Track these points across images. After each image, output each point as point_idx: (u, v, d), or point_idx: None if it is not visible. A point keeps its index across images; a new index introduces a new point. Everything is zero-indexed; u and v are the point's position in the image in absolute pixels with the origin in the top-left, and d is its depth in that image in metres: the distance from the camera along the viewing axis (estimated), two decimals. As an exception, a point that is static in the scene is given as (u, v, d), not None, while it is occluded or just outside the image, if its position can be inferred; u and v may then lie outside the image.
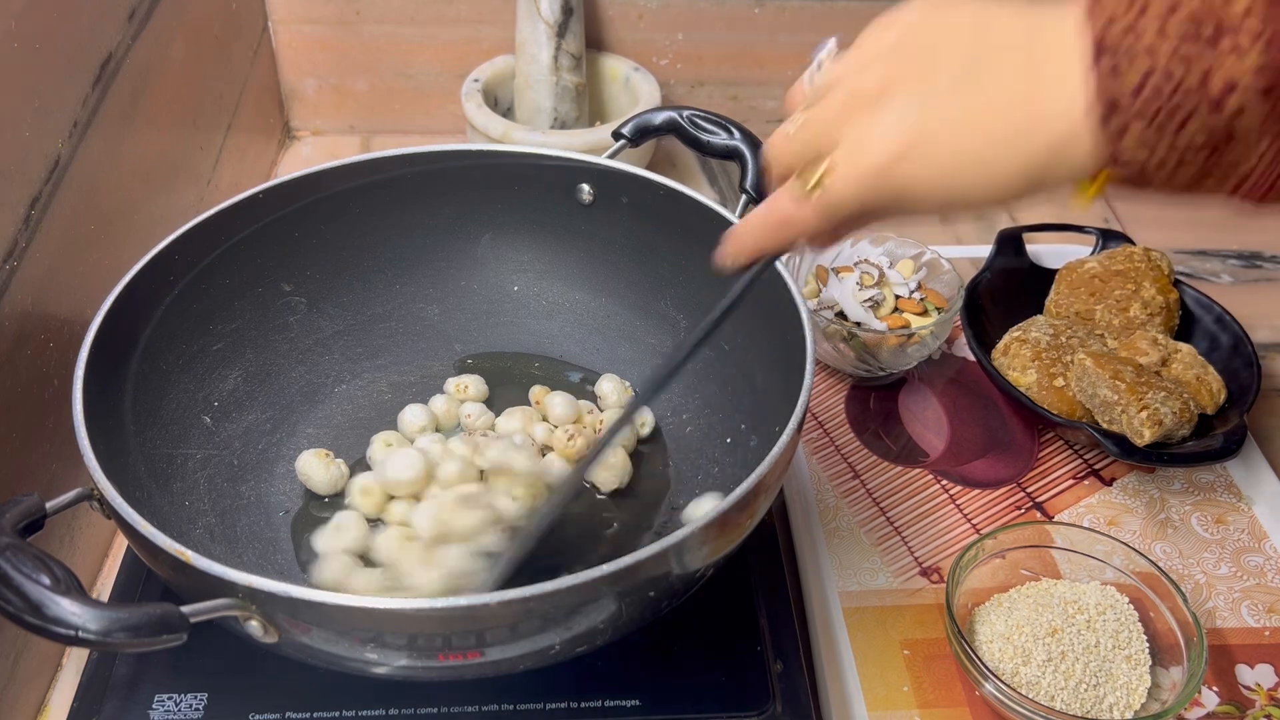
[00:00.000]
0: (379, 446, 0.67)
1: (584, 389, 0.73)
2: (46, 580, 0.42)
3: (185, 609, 0.44)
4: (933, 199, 0.40)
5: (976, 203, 0.40)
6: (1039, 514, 0.71)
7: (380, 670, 0.50)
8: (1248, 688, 0.63)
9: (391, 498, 0.63)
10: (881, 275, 0.81)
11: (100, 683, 0.58)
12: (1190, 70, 0.34)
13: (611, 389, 0.72)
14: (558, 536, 0.55)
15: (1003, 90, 0.38)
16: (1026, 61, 0.38)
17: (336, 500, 0.66)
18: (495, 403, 0.72)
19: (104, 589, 0.66)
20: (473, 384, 0.72)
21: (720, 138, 0.69)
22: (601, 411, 0.71)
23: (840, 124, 0.41)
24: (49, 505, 0.49)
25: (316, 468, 0.66)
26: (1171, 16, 0.34)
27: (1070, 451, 0.76)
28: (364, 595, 0.49)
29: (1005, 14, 0.39)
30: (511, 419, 0.69)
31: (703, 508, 0.63)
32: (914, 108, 0.39)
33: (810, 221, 0.43)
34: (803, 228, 0.44)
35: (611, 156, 0.70)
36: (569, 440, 0.67)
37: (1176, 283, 0.81)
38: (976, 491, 0.73)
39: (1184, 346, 0.75)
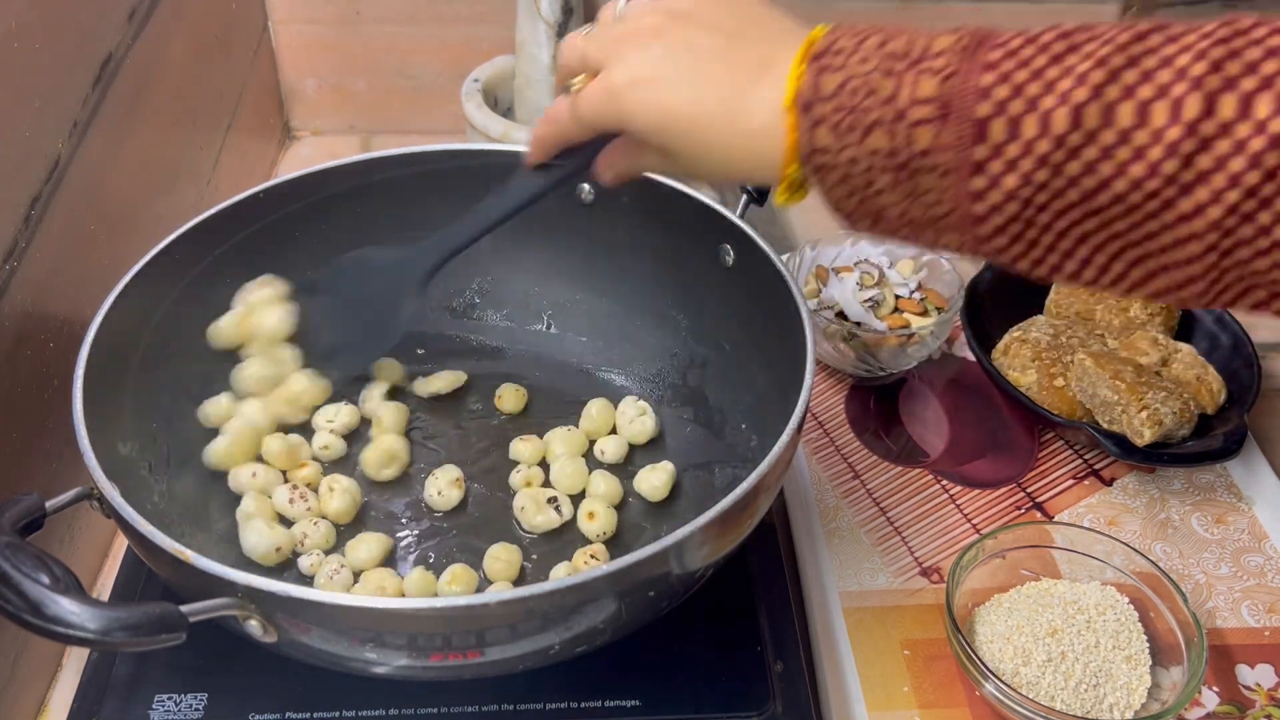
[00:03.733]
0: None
1: (583, 389, 0.73)
2: (46, 579, 0.42)
3: (185, 608, 0.44)
4: (650, 134, 0.46)
5: (689, 158, 0.47)
6: (1039, 514, 0.71)
7: (380, 670, 0.50)
8: (1248, 688, 0.63)
9: None
10: (881, 275, 0.81)
11: (100, 683, 0.58)
12: (881, 86, 0.40)
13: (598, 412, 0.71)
14: None
15: (736, 72, 0.44)
16: (765, 56, 0.44)
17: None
18: (495, 403, 0.73)
19: (104, 589, 0.66)
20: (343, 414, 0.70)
21: (720, 138, 0.68)
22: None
23: (613, 48, 0.47)
24: (49, 505, 0.49)
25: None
26: (880, 49, 0.41)
27: (1070, 451, 0.76)
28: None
29: (786, 20, 0.46)
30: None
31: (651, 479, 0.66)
32: (663, 54, 0.46)
33: (569, 122, 0.50)
34: (565, 126, 0.50)
35: (611, 156, 0.70)
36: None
37: (1176, 283, 0.81)
38: (976, 491, 0.73)
39: (1184, 346, 0.75)
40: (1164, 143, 0.35)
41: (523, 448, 0.69)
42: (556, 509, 0.64)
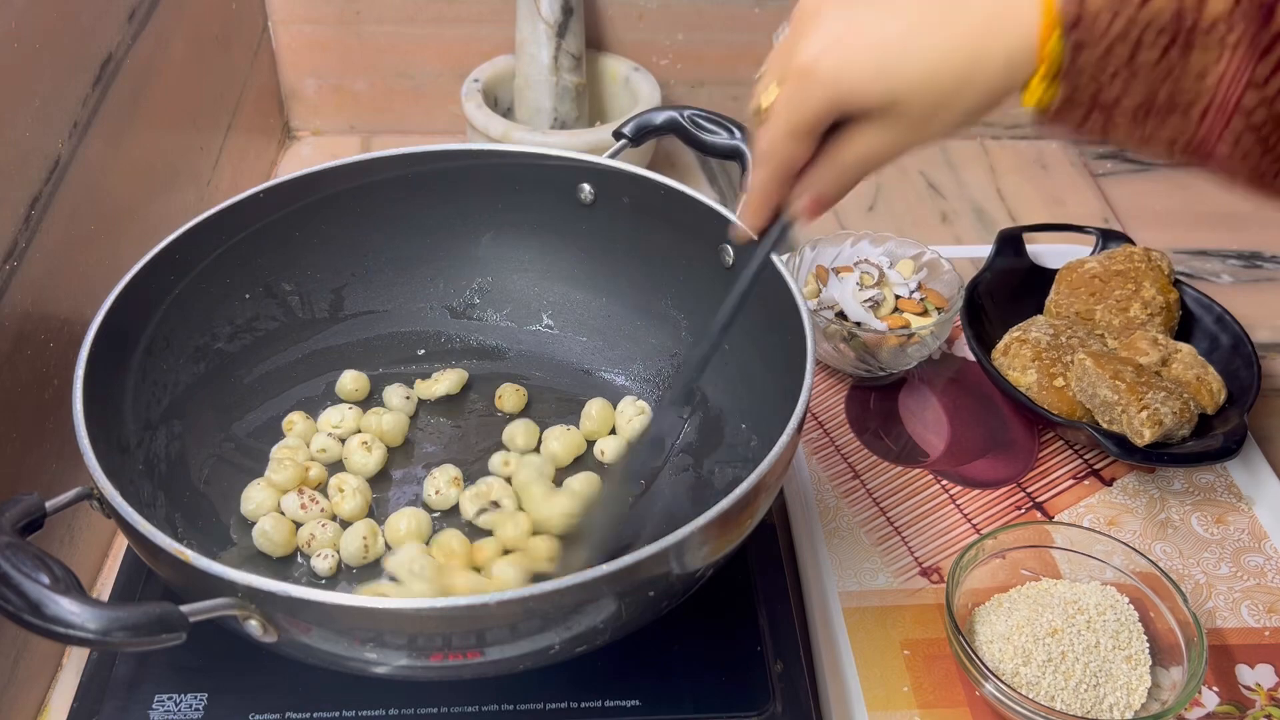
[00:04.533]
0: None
1: (583, 389, 0.73)
2: (46, 579, 0.42)
3: (185, 608, 0.44)
4: (865, 90, 0.41)
5: (921, 97, 0.41)
6: (1039, 514, 0.71)
7: (380, 670, 0.50)
8: (1248, 688, 0.63)
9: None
10: (881, 275, 0.81)
11: (100, 683, 0.58)
12: None
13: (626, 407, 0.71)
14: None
15: None
16: None
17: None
18: (496, 403, 0.73)
19: (104, 589, 0.66)
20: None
21: (721, 137, 0.68)
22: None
23: (786, 55, 0.43)
24: (49, 505, 0.49)
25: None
26: None
27: (1070, 451, 0.76)
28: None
29: None
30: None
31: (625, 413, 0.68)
32: (837, 13, 0.41)
33: (775, 145, 0.44)
34: (776, 155, 0.45)
35: (612, 156, 0.70)
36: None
37: (1176, 283, 0.81)
38: (976, 491, 0.73)
39: (1184, 346, 0.75)
40: None
41: (518, 431, 0.69)
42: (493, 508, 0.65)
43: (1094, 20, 0.37)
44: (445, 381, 0.72)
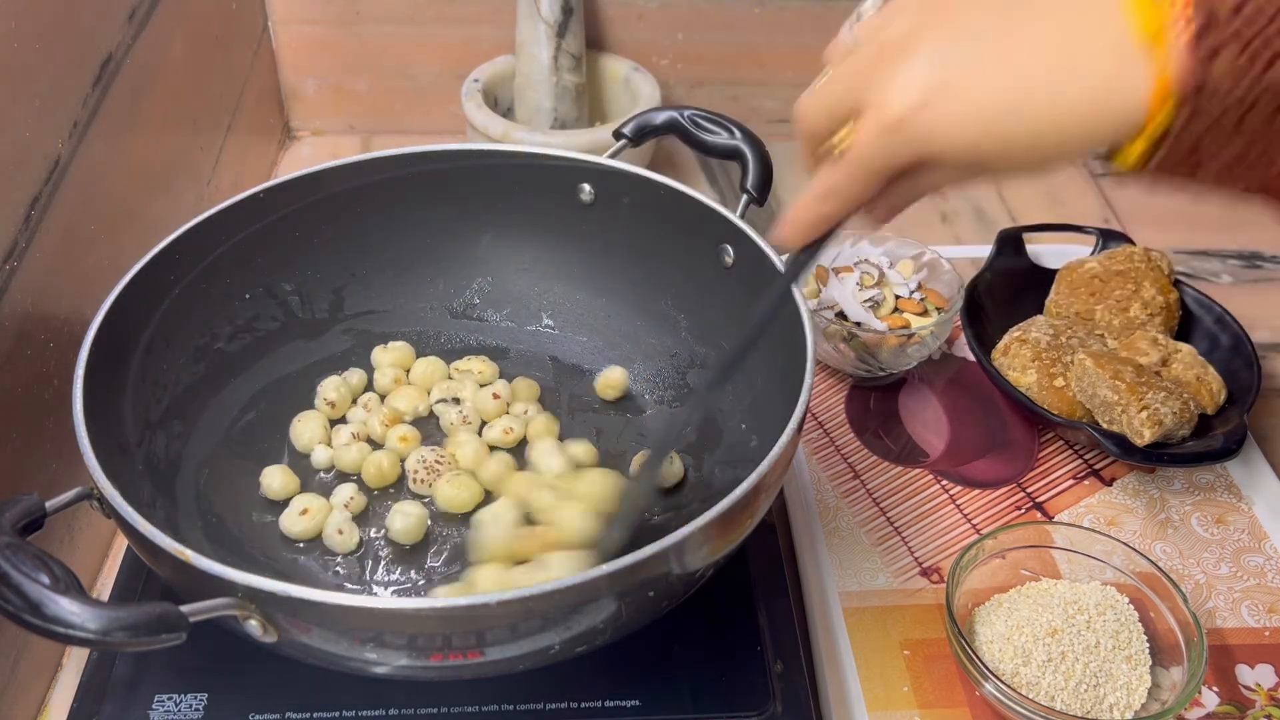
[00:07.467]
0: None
1: (583, 389, 0.73)
2: (46, 579, 0.42)
3: (185, 608, 0.44)
4: (962, 151, 0.38)
5: (1015, 158, 0.38)
6: (1039, 514, 0.71)
7: (380, 670, 0.50)
8: (1248, 688, 0.63)
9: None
10: (881, 275, 0.81)
11: (100, 683, 0.58)
12: None
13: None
14: None
15: (1040, 29, 0.36)
16: None
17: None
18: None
19: (104, 589, 0.66)
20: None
21: (721, 137, 0.69)
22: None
23: (866, 78, 0.39)
24: (49, 505, 0.49)
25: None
26: None
27: (1070, 451, 0.76)
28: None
29: None
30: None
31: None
32: (940, 54, 0.37)
33: (847, 186, 0.41)
34: (845, 195, 0.42)
35: (612, 156, 0.70)
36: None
37: (1176, 283, 0.81)
38: (976, 491, 0.73)
39: (1184, 346, 0.75)
40: None
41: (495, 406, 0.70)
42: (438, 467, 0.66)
43: (1214, 90, 0.34)
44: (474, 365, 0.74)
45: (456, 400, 0.70)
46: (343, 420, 0.70)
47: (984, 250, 0.86)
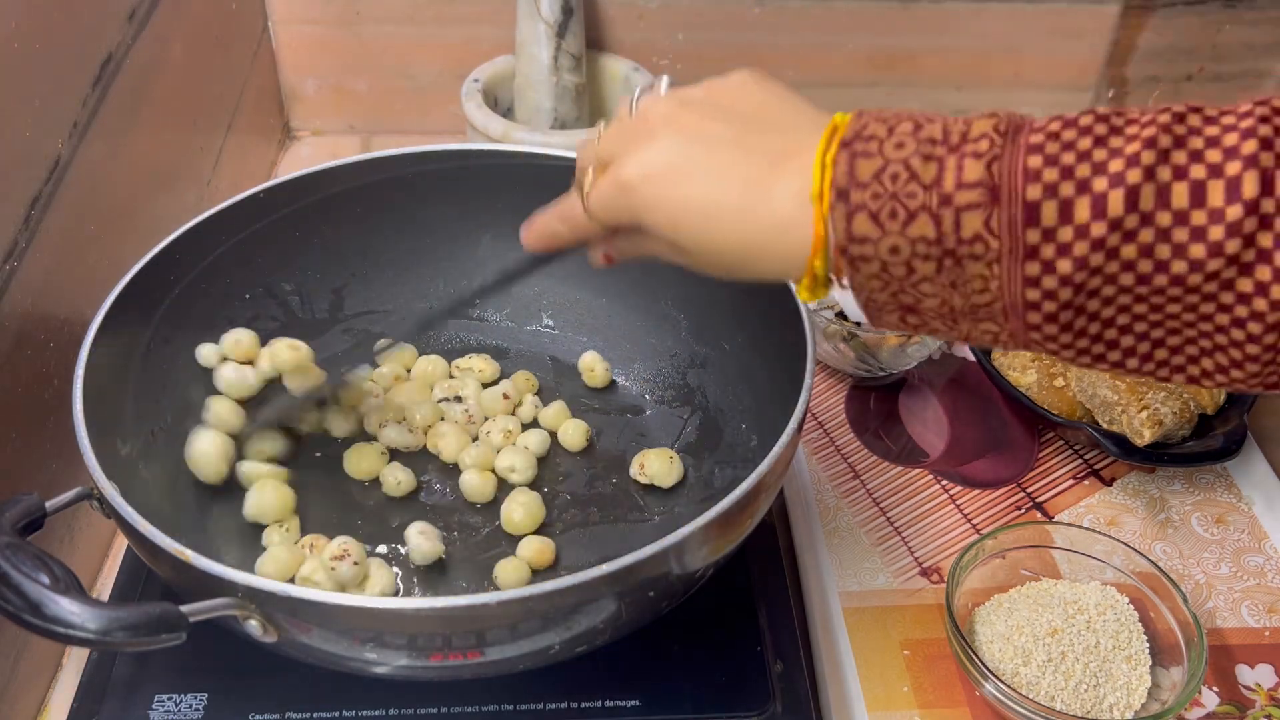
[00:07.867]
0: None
1: (583, 388, 0.73)
2: (46, 579, 0.42)
3: (185, 608, 0.44)
4: (664, 231, 0.43)
5: (706, 257, 0.43)
6: (1039, 514, 0.71)
7: (380, 670, 0.50)
8: (1248, 688, 0.63)
9: None
10: (881, 275, 0.81)
11: (100, 683, 0.58)
12: (923, 171, 0.37)
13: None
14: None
15: (755, 162, 0.42)
16: (786, 145, 0.41)
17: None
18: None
19: (104, 589, 0.66)
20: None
21: (720, 138, 0.68)
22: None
23: (626, 142, 0.44)
24: (49, 505, 0.49)
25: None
26: (915, 134, 0.38)
27: (1070, 451, 0.76)
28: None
29: (802, 105, 0.44)
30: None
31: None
32: (674, 145, 0.43)
33: (580, 221, 0.48)
34: (576, 225, 0.48)
35: (611, 156, 0.70)
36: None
37: (1176, 283, 0.81)
38: (976, 491, 0.73)
39: (1184, 346, 0.75)
40: (1225, 222, 0.34)
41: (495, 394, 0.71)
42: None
43: (862, 242, 0.39)
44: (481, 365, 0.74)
45: (459, 398, 0.70)
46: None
47: (984, 250, 0.86)
